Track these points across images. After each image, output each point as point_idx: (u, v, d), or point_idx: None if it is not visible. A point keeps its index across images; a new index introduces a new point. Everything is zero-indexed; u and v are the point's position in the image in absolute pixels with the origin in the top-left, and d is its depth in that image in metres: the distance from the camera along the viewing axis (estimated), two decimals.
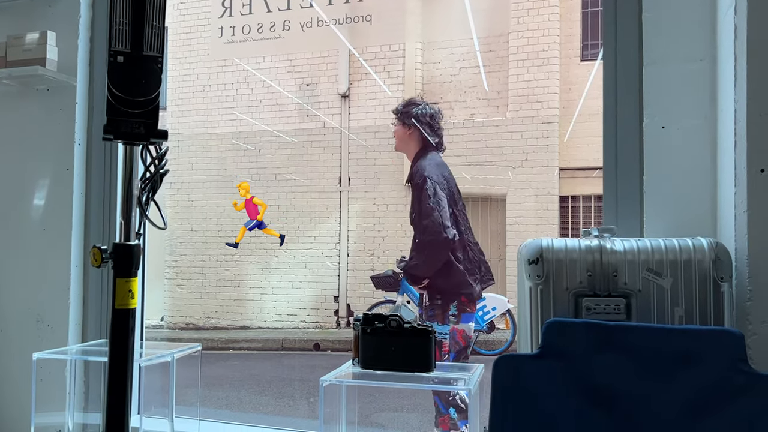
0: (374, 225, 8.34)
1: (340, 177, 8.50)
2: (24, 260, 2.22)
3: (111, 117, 1.32)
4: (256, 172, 8.98)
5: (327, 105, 8.66)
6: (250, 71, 8.85)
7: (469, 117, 8.04)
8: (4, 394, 2.22)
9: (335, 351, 7.50)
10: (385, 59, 8.34)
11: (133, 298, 1.38)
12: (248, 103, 8.98)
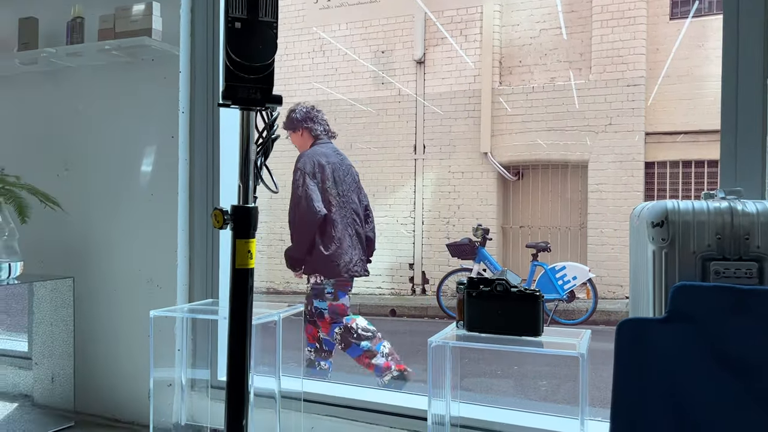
0: (449, 193, 8.30)
1: (415, 145, 8.48)
2: (134, 224, 2.34)
3: (229, 83, 1.36)
4: None
5: (402, 72, 8.60)
6: (326, 40, 8.89)
7: (549, 81, 7.81)
8: (120, 350, 2.37)
9: (411, 317, 7.57)
10: (462, 23, 8.19)
11: (251, 259, 1.43)
12: (324, 72, 9.04)
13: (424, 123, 8.47)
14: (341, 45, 8.88)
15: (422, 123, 8.48)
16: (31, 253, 2.44)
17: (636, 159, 7.38)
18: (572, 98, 7.64)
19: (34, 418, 2.23)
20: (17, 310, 2.30)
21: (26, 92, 2.56)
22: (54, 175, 2.49)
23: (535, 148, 7.85)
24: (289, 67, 9.07)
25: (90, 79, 2.43)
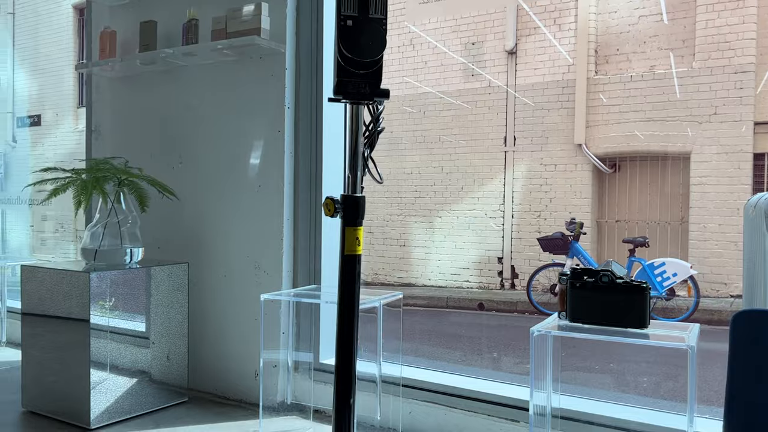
0: (541, 186, 8.15)
1: (506, 137, 8.37)
2: (243, 214, 2.48)
3: (340, 78, 1.42)
4: (420, 134, 9.11)
5: (493, 63, 8.51)
6: (416, 33, 8.93)
7: (648, 69, 7.50)
8: (229, 332, 2.52)
9: (500, 312, 7.51)
10: (556, 12, 8.00)
11: (359, 245, 1.50)
12: (413, 65, 9.08)
13: (515, 114, 8.35)
14: (431, 38, 8.89)
15: (513, 114, 8.37)
16: (150, 240, 2.64)
17: (744, 150, 6.96)
18: (673, 87, 7.30)
19: (152, 392, 2.41)
20: (138, 292, 2.49)
21: (146, 90, 2.76)
22: (170, 167, 2.67)
23: (632, 139, 7.57)
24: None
25: (202, 77, 2.58)
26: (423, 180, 9.14)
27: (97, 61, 2.72)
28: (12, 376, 2.80)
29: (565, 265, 6.73)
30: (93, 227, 2.35)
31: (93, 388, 2.19)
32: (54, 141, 11.89)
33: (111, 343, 2.34)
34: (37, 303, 2.32)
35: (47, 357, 2.29)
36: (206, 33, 2.47)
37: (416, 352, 5.01)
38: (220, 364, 2.54)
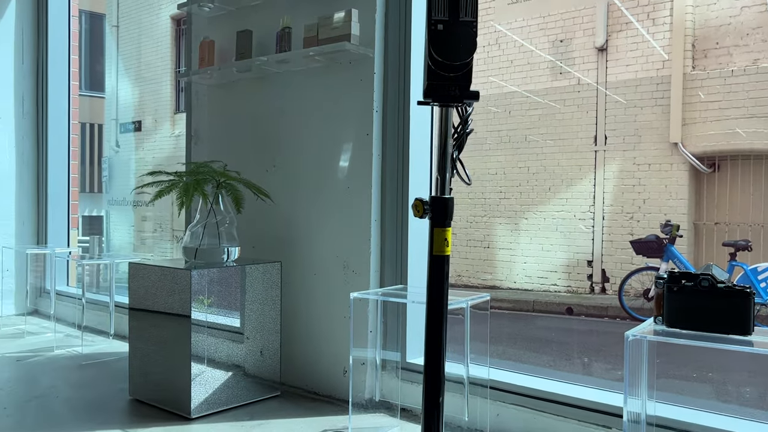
0: (634, 186, 7.86)
1: (596, 136, 8.13)
2: (332, 215, 2.55)
3: (430, 81, 1.45)
4: (505, 134, 8.99)
5: (582, 60, 8.29)
6: (502, 32, 8.83)
7: (751, 63, 7.07)
8: (318, 329, 2.59)
9: (589, 317, 7.30)
10: (649, 6, 7.69)
11: (447, 246, 1.51)
12: (499, 64, 8.98)
13: (606, 113, 8.09)
14: (517, 36, 8.76)
15: (603, 113, 8.11)
16: (245, 240, 2.76)
17: None
18: None
19: (246, 386, 2.52)
20: (235, 289, 2.61)
21: (241, 97, 2.88)
22: (264, 170, 2.78)
23: (733, 137, 7.16)
24: None
25: (294, 83, 2.68)
26: (508, 181, 9.01)
27: (197, 70, 2.87)
28: (120, 366, 3.00)
29: (660, 268, 6.45)
30: (193, 227, 2.49)
31: (193, 379, 2.32)
32: (153, 145, 12.59)
33: (209, 338, 2.46)
34: (143, 298, 2.47)
35: (151, 349, 2.44)
36: (298, 40, 2.56)
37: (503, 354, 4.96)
38: (310, 360, 2.62)
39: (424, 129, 2.45)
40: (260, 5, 2.77)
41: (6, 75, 4.14)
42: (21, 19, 4.20)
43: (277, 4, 2.71)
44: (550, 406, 2.01)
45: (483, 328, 2.17)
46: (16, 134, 4.17)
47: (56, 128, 4.27)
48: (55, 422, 2.27)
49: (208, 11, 2.92)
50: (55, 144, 4.27)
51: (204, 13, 2.95)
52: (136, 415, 2.35)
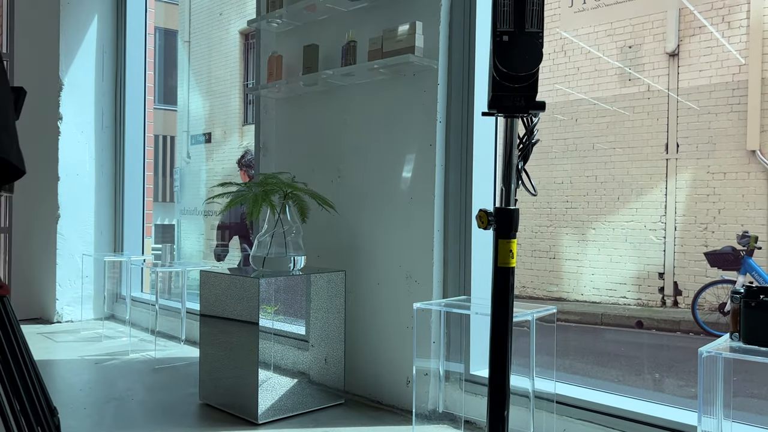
0: (708, 196, 7.54)
1: (667, 144, 7.86)
2: (395, 225, 2.57)
3: (495, 93, 1.44)
4: (572, 142, 8.82)
5: (652, 66, 8.04)
6: (568, 39, 8.68)
7: None
8: (382, 339, 2.61)
9: (660, 331, 7.04)
10: (724, 8, 7.40)
11: (512, 258, 1.50)
12: (565, 72, 8.82)
13: (678, 120, 7.82)
14: (584, 43, 8.59)
15: (675, 120, 7.84)
16: (311, 249, 2.81)
17: None
18: None
19: (311, 393, 2.56)
20: (300, 297, 2.66)
21: (308, 110, 2.95)
22: (329, 181, 2.83)
23: None
24: None
25: (359, 95, 2.72)
26: (575, 190, 8.82)
27: (265, 84, 2.95)
28: (190, 371, 3.10)
29: (737, 282, 6.16)
30: (261, 236, 2.55)
31: (260, 385, 2.37)
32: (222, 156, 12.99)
33: (275, 345, 2.52)
34: (213, 305, 2.56)
35: (221, 355, 2.52)
36: (363, 54, 2.60)
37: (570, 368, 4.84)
38: (374, 369, 2.64)
39: (487, 139, 2.44)
40: (326, 20, 2.83)
41: (87, 91, 4.37)
42: (102, 38, 4.43)
43: (343, 19, 2.76)
44: (620, 422, 1.95)
45: (549, 341, 2.13)
46: (96, 147, 4.40)
47: (133, 141, 4.48)
48: (130, 423, 2.37)
49: (277, 27, 3.00)
50: (132, 156, 4.47)
51: (272, 29, 3.04)
52: (206, 419, 2.42)
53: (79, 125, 4.31)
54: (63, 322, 4.26)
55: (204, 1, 14.15)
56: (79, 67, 4.33)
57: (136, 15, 4.48)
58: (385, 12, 2.60)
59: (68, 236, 4.28)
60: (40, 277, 4.33)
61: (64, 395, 2.68)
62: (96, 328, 4.11)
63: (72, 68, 4.30)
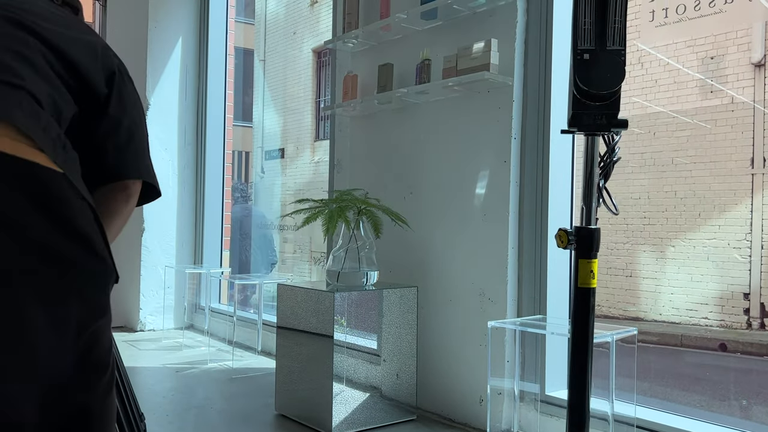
0: None
1: (752, 158, 7.50)
2: (468, 242, 2.56)
3: (575, 111, 1.43)
4: (649, 156, 8.54)
5: (736, 78, 7.71)
6: (645, 51, 8.44)
7: None
8: (454, 356, 2.60)
9: (747, 354, 6.69)
10: None
11: (593, 278, 1.47)
12: (642, 84, 8.57)
13: (765, 133, 7.46)
14: (662, 55, 8.33)
15: (762, 133, 7.48)
16: (384, 264, 2.84)
17: None
18: None
19: (383, 407, 2.58)
20: (373, 312, 2.69)
21: (382, 128, 2.99)
22: (401, 198, 2.86)
23: None
24: None
25: (432, 112, 2.74)
26: (653, 206, 8.52)
27: (341, 103, 3.02)
28: (266, 381, 3.18)
29: None
30: (336, 251, 2.60)
31: (334, 398, 2.41)
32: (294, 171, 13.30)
33: (348, 358, 2.55)
34: (289, 318, 2.62)
35: (296, 367, 2.57)
36: (437, 71, 2.62)
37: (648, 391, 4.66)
38: (445, 386, 2.63)
39: (564, 156, 2.41)
40: (401, 39, 2.88)
41: (171, 110, 4.59)
42: (185, 59, 4.65)
43: (417, 38, 2.80)
44: None
45: (629, 363, 2.07)
46: (179, 163, 4.60)
47: (213, 157, 4.66)
48: (210, 431, 2.45)
49: (352, 46, 3.07)
50: (212, 171, 4.66)
51: (348, 49, 3.11)
52: (281, 430, 2.48)
53: (163, 142, 4.52)
54: (146, 331, 4.46)
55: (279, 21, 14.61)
56: (164, 87, 4.56)
57: (218, 36, 4.68)
58: (460, 30, 2.61)
59: (152, 249, 4.49)
60: (126, 287, 4.55)
61: (148, 402, 2.80)
62: (176, 338, 4.28)
63: (158, 88, 4.53)
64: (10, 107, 0.92)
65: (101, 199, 1.18)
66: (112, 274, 1.02)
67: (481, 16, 2.52)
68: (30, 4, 1.11)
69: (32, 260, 0.90)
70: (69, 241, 0.93)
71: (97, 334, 1.01)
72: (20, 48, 1.01)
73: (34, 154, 0.91)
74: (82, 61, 1.11)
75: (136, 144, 1.23)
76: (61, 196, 0.93)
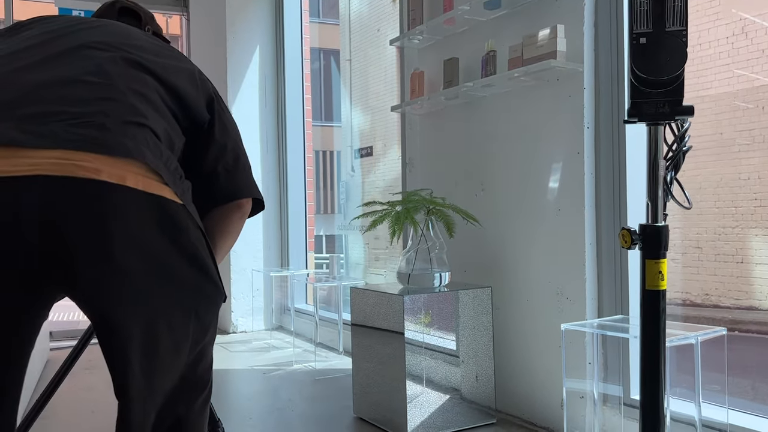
0: None
1: None
2: (543, 238, 2.46)
3: (634, 99, 1.32)
4: (758, 133, 7.90)
5: None
6: (749, 20, 7.81)
7: None
8: (532, 358, 2.51)
9: None
10: None
11: (662, 280, 1.36)
12: (747, 56, 7.94)
13: None
14: None
15: None
16: (457, 264, 2.78)
17: None
18: None
19: (462, 410, 2.52)
20: (447, 314, 2.64)
21: (450, 123, 2.93)
22: (472, 194, 2.78)
23: None
24: (702, 57, 8.23)
25: (499, 105, 2.64)
26: (764, 186, 7.90)
27: (409, 101, 2.98)
28: (347, 383, 3.20)
29: None
30: (406, 253, 2.57)
31: (409, 401, 2.38)
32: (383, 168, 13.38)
33: (425, 359, 2.51)
34: (363, 321, 2.62)
35: (372, 370, 2.57)
36: (503, 62, 2.53)
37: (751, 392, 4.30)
38: (525, 389, 2.54)
39: (642, 145, 2.25)
40: (466, 32, 2.80)
41: (252, 118, 4.72)
42: (263, 67, 4.77)
43: (482, 29, 2.71)
44: None
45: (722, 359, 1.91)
46: (261, 169, 4.73)
47: (294, 161, 4.76)
48: None
49: (418, 43, 3.02)
50: (294, 175, 4.76)
51: (414, 45, 3.07)
52: None
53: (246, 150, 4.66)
54: (237, 333, 4.62)
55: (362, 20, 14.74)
56: (245, 96, 4.69)
57: (293, 42, 4.77)
58: (525, 18, 2.50)
59: (241, 253, 4.64)
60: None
61: (234, 404, 2.89)
62: (265, 339, 4.40)
63: (238, 97, 4.67)
64: (141, 147, 1.00)
65: (217, 219, 1.27)
66: (222, 295, 1.12)
67: (547, 2, 2.41)
68: (137, 39, 1.18)
69: (163, 284, 1.00)
70: (190, 266, 1.03)
71: (203, 351, 1.11)
72: (141, 88, 1.08)
73: (160, 188, 1.00)
74: (187, 92, 1.18)
75: (242, 163, 1.30)
76: (182, 226, 1.02)
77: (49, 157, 0.92)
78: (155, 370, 1.01)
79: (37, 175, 0.91)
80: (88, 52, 1.08)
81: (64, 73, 1.03)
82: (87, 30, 1.14)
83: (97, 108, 1.00)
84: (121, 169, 0.96)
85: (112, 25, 1.19)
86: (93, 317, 0.99)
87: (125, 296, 0.97)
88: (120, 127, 0.99)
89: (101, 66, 1.06)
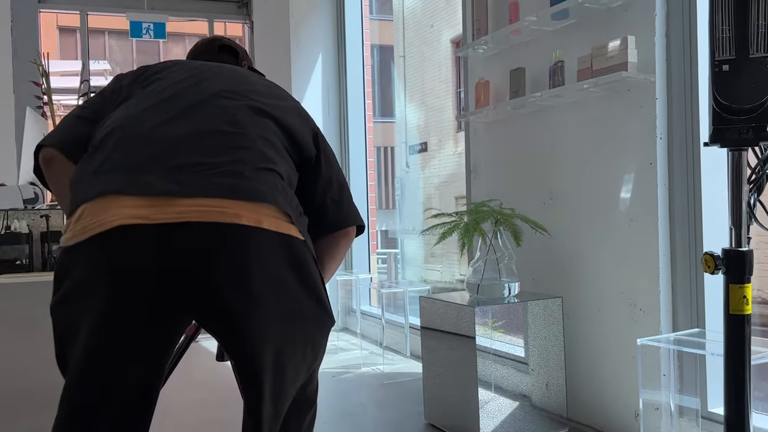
0: None
1: None
2: (615, 249, 2.45)
3: (716, 126, 1.33)
4: None
5: None
6: None
7: None
8: (605, 368, 2.51)
9: None
10: None
11: (747, 304, 1.36)
12: None
13: None
14: None
15: None
16: (526, 273, 2.80)
17: None
18: None
19: (533, 419, 2.55)
20: (516, 323, 2.66)
21: (516, 133, 2.94)
22: (540, 203, 2.79)
23: None
24: None
25: (568, 115, 2.64)
26: None
27: (474, 110, 3.01)
28: (415, 387, 3.26)
29: None
30: (475, 263, 2.61)
31: (481, 408, 2.42)
32: (438, 163, 13.36)
33: (495, 366, 2.55)
34: (432, 325, 2.67)
35: (442, 377, 2.62)
36: (571, 73, 2.53)
37: None
38: (597, 398, 2.54)
39: (718, 155, 2.22)
40: (532, 41, 2.80)
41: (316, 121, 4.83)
42: (326, 74, 4.87)
43: (548, 39, 2.71)
44: None
45: None
46: None
47: (356, 159, 4.85)
48: None
49: (483, 52, 3.04)
50: (356, 173, 4.85)
51: (479, 55, 3.08)
52: None
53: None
54: None
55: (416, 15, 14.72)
56: (308, 102, 4.80)
57: (354, 42, 4.85)
58: (593, 28, 2.49)
59: None
60: None
61: None
62: (332, 340, 4.51)
63: (303, 102, 4.78)
64: (273, 191, 1.12)
65: (326, 246, 1.36)
66: (332, 321, 1.21)
67: (616, 12, 2.39)
68: (253, 84, 1.29)
69: (291, 318, 1.11)
70: (309, 298, 1.14)
71: (314, 374, 1.23)
72: (267, 134, 1.19)
73: (288, 228, 1.12)
74: (297, 130, 1.28)
75: (346, 193, 1.40)
76: (304, 260, 1.13)
77: (195, 205, 1.04)
78: (280, 395, 1.12)
79: (185, 222, 1.02)
80: (219, 102, 1.19)
81: (203, 126, 1.14)
82: (211, 80, 1.24)
83: (233, 157, 1.11)
84: (257, 213, 1.07)
85: (228, 71, 1.29)
86: (229, 346, 1.10)
87: (262, 329, 1.07)
88: (254, 174, 1.10)
89: (234, 116, 1.17)
